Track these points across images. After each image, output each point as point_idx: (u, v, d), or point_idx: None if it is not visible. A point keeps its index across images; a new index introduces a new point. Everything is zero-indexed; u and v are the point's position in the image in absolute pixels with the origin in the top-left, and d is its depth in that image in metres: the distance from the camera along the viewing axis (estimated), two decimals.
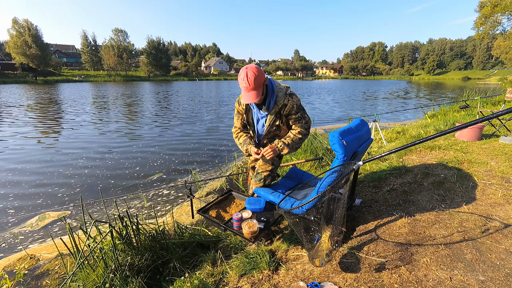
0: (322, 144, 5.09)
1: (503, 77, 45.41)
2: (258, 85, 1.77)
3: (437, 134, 1.29)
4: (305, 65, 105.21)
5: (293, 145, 2.00)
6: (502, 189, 2.31)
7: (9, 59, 51.85)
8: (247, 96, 1.80)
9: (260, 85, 1.81)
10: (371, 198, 2.48)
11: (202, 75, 72.66)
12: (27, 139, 7.34)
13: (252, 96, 1.79)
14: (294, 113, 1.97)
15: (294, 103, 1.94)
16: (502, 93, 10.88)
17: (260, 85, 1.80)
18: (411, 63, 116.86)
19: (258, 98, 1.80)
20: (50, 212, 3.48)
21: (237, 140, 2.20)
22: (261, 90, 1.82)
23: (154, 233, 2.10)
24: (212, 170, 5.03)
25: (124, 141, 7.18)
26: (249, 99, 1.80)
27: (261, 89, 1.83)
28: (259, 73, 1.77)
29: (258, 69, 1.78)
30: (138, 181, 4.46)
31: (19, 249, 2.76)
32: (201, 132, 8.43)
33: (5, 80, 39.70)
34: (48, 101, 16.63)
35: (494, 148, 3.57)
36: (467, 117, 6.79)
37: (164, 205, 3.69)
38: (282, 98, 1.91)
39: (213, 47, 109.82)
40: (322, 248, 1.52)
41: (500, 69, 76.35)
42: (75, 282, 1.77)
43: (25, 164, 5.32)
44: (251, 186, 2.23)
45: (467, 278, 1.38)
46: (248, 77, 1.73)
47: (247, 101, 1.82)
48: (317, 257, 1.49)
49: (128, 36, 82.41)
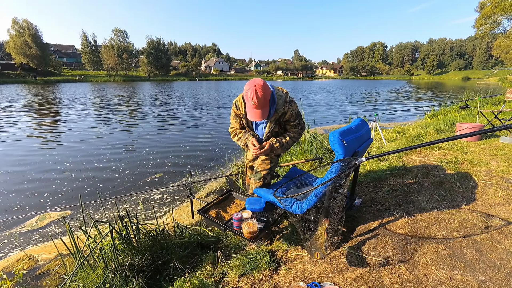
0: (322, 144, 5.09)
1: (503, 77, 45.44)
2: (265, 104, 1.80)
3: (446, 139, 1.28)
4: (305, 65, 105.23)
5: (287, 146, 2.06)
6: (502, 189, 2.31)
7: (9, 59, 51.85)
8: (254, 114, 1.82)
9: (267, 104, 1.83)
10: (371, 198, 2.48)
11: (202, 75, 72.65)
12: (27, 139, 7.34)
13: (259, 115, 1.80)
14: (293, 120, 2.03)
15: (294, 111, 1.98)
16: (502, 93, 10.88)
17: (267, 103, 1.82)
18: (411, 63, 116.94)
19: (264, 117, 1.83)
20: (50, 212, 3.48)
21: (236, 137, 2.18)
22: (267, 109, 1.85)
23: (154, 233, 2.10)
24: (212, 170, 5.03)
25: (124, 142, 7.18)
26: (257, 117, 1.82)
27: (267, 108, 1.85)
28: (266, 91, 1.78)
29: (265, 87, 1.78)
30: (138, 182, 4.45)
31: (18, 249, 2.76)
32: (201, 132, 8.43)
33: (5, 80, 39.69)
34: (48, 101, 16.62)
35: (494, 148, 3.57)
36: (467, 117, 6.79)
37: (164, 205, 3.69)
38: (282, 106, 1.93)
39: (213, 47, 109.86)
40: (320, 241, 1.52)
41: (500, 69, 76.36)
42: (75, 282, 1.76)
43: (25, 164, 5.32)
44: (250, 185, 2.23)
45: (467, 278, 1.38)
46: (258, 97, 1.73)
47: (253, 119, 1.83)
48: (316, 250, 1.49)
49: (128, 36, 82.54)
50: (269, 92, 1.81)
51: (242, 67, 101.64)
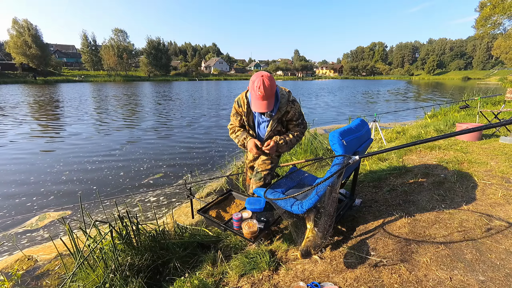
0: (322, 144, 5.09)
1: (503, 77, 45.44)
2: (271, 95, 1.79)
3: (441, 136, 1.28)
4: (305, 65, 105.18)
5: (290, 144, 2.04)
6: (502, 189, 2.31)
7: (9, 59, 51.79)
8: (260, 105, 1.80)
9: (273, 95, 1.82)
10: (371, 198, 2.48)
11: (202, 75, 72.63)
12: (27, 139, 7.34)
13: (265, 106, 1.79)
14: (295, 120, 2.02)
15: (296, 110, 1.98)
16: (502, 93, 10.88)
17: (273, 94, 1.81)
18: (411, 63, 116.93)
19: (270, 108, 1.81)
20: (50, 212, 3.48)
21: (233, 134, 2.16)
22: (273, 100, 1.84)
23: (154, 233, 2.10)
24: (212, 170, 5.03)
25: (124, 142, 7.18)
26: (262, 108, 1.80)
27: (273, 99, 1.84)
28: (273, 83, 1.78)
29: (272, 78, 1.78)
30: (138, 182, 4.45)
31: (18, 249, 2.76)
32: (201, 132, 8.43)
33: (5, 80, 39.65)
34: (48, 101, 16.62)
35: (494, 148, 3.57)
36: (467, 117, 6.79)
37: (164, 205, 3.69)
38: (285, 105, 1.93)
39: (213, 47, 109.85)
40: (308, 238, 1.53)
41: (500, 69, 76.37)
42: (75, 282, 1.76)
43: (25, 164, 5.32)
44: (251, 186, 2.22)
45: (467, 278, 1.38)
46: (265, 86, 1.72)
47: (259, 110, 1.81)
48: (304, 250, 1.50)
49: (128, 36, 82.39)
50: (275, 85, 1.81)
51: (242, 67, 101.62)
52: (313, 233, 1.67)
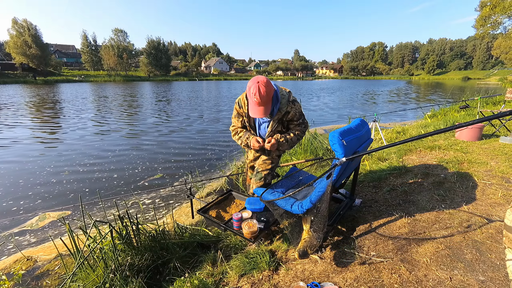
0: (322, 144, 5.09)
1: (503, 77, 45.41)
2: (268, 100, 1.79)
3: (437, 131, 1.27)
4: (305, 65, 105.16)
5: (291, 143, 2.05)
6: (502, 189, 2.31)
7: (9, 59, 51.79)
8: (256, 111, 1.81)
9: (270, 101, 1.82)
10: (371, 198, 2.48)
11: (202, 75, 72.62)
12: (27, 139, 7.33)
13: (262, 111, 1.80)
14: (296, 120, 2.03)
15: (297, 110, 1.98)
16: (502, 93, 10.88)
17: (270, 100, 1.82)
18: (411, 63, 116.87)
19: (267, 114, 1.82)
20: (50, 212, 3.48)
21: (236, 136, 2.16)
22: (270, 106, 1.84)
23: (154, 233, 2.10)
24: (212, 170, 5.03)
25: (124, 142, 7.18)
26: (257, 114, 1.81)
27: (270, 105, 1.85)
28: (269, 88, 1.78)
29: (268, 84, 1.78)
30: (138, 182, 4.45)
31: (18, 250, 2.76)
32: (201, 132, 8.43)
33: (5, 80, 39.64)
34: (48, 101, 16.62)
35: (494, 148, 3.57)
36: (467, 117, 6.79)
37: (164, 205, 3.69)
38: (285, 105, 1.93)
39: (213, 47, 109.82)
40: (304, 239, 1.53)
41: (500, 69, 76.35)
42: (75, 282, 1.76)
43: (25, 164, 5.32)
44: (251, 186, 2.22)
45: (467, 278, 1.38)
46: (260, 93, 1.73)
47: (255, 115, 1.83)
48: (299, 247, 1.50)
49: (128, 36, 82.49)
50: (272, 90, 1.81)
51: (242, 67, 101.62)
52: (309, 234, 1.67)
